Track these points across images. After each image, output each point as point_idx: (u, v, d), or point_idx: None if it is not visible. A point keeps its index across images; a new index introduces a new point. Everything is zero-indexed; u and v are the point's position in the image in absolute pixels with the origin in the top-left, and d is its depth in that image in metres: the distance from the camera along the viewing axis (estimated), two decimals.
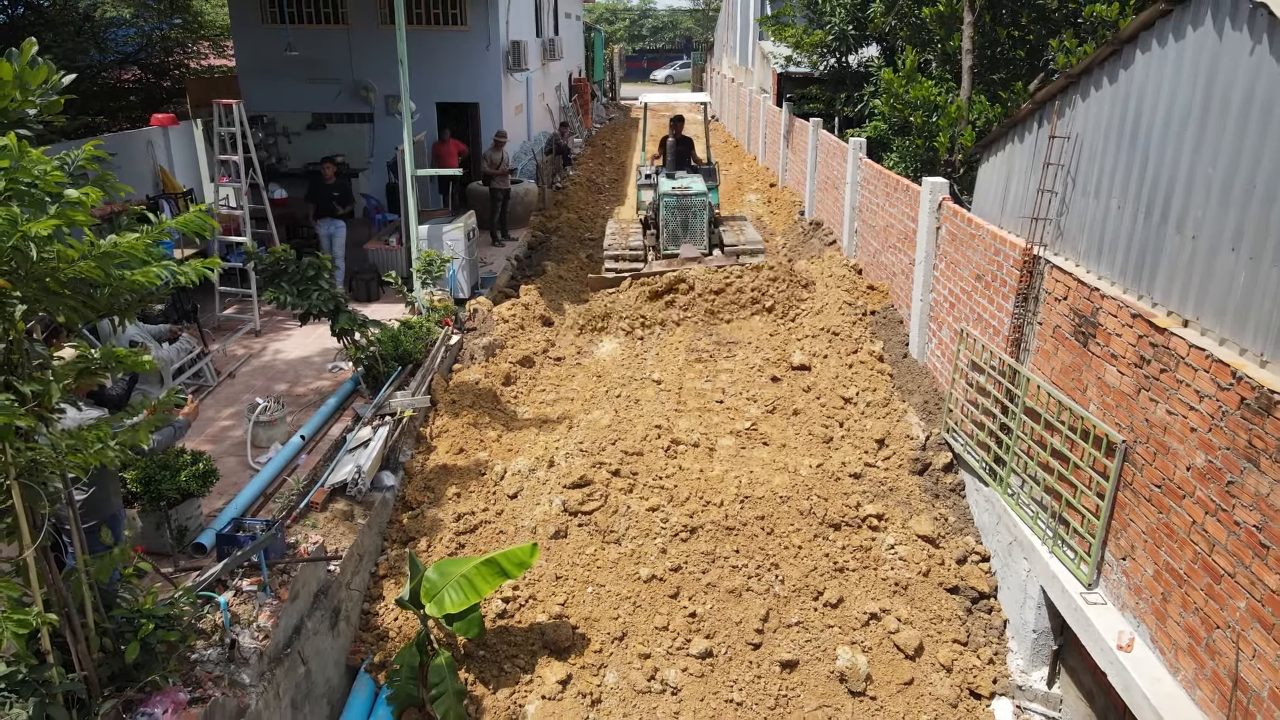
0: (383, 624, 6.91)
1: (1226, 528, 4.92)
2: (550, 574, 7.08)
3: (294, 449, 7.93)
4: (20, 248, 3.47)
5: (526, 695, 6.41)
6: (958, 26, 12.32)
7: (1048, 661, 6.93)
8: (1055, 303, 7.01)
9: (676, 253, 13.08)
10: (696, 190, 13.24)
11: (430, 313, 10.53)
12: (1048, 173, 7.29)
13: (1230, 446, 4.88)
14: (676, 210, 13.15)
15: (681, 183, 13.52)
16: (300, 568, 5.98)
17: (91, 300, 3.97)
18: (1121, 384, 6.00)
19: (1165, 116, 5.85)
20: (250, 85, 17.43)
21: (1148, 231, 6.02)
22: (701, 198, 13.16)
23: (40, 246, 3.45)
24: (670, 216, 13.18)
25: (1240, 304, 5.07)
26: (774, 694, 6.48)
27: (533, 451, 8.32)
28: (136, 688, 4.64)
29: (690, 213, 13.16)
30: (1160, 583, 5.54)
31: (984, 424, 7.85)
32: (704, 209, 13.17)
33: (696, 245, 13.15)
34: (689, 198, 13.12)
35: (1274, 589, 4.54)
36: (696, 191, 13.21)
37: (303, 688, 5.87)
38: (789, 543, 7.45)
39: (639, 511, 7.50)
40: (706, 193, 13.37)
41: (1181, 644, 5.32)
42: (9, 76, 3.79)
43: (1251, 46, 5.00)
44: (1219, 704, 4.94)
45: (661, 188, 13.56)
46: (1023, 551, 7.04)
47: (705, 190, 13.39)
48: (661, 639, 6.71)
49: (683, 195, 13.12)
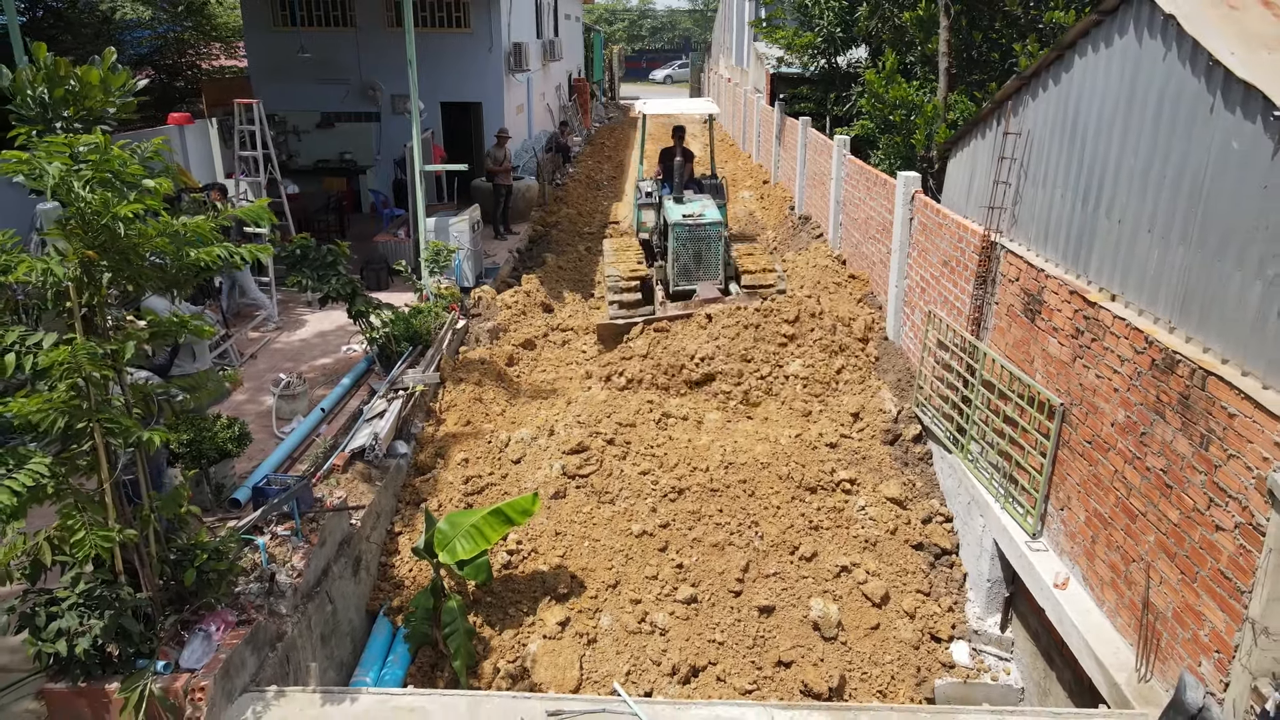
0: (398, 574, 7.62)
1: (1140, 473, 5.64)
2: (550, 530, 7.79)
3: (315, 420, 8.64)
4: (110, 226, 4.18)
5: (529, 635, 7.12)
6: (935, 30, 13.03)
7: (1000, 608, 7.64)
8: (1009, 284, 7.73)
9: (691, 289, 11.71)
10: (711, 220, 11.83)
11: (438, 299, 11.24)
12: (1002, 166, 8.01)
13: (1143, 402, 5.60)
14: (689, 243, 11.72)
15: (692, 208, 12.10)
16: (327, 517, 6.70)
17: (162, 272, 4.68)
18: (1061, 353, 6.72)
19: (1099, 114, 6.56)
20: (262, 85, 18.14)
21: (1084, 217, 6.73)
22: (717, 228, 11.80)
23: (126, 225, 4.16)
24: (682, 249, 11.73)
25: (1154, 278, 5.78)
26: (752, 635, 7.19)
27: (534, 422, 9.04)
28: (193, 608, 5.35)
29: (704, 244, 11.76)
30: (1090, 527, 6.25)
31: (948, 397, 8.57)
32: (719, 240, 11.81)
33: (712, 281, 11.76)
34: (703, 228, 11.73)
35: (1175, 522, 5.26)
36: (711, 221, 11.81)
37: (330, 623, 6.59)
38: (769, 503, 8.16)
39: (631, 475, 8.21)
40: (722, 221, 12.06)
41: (1106, 579, 6.03)
42: (95, 80, 4.51)
43: (1164, 53, 5.71)
44: (1134, 627, 5.65)
45: (671, 216, 12.01)
46: (979, 510, 7.75)
47: (720, 219, 12.06)
48: (651, 587, 7.42)
49: (695, 226, 11.72)
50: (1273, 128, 4.67)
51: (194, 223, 4.45)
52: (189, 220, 4.46)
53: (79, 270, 4.16)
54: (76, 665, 4.85)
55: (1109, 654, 5.74)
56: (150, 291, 4.86)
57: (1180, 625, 5.20)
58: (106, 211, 4.06)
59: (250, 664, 5.45)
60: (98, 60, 4.56)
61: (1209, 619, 4.93)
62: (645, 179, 14.30)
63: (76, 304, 4.41)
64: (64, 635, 4.75)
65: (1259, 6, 5.49)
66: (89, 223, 4.01)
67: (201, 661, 5.11)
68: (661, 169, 13.90)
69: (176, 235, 4.37)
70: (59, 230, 4.12)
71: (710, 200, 12.60)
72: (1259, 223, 4.79)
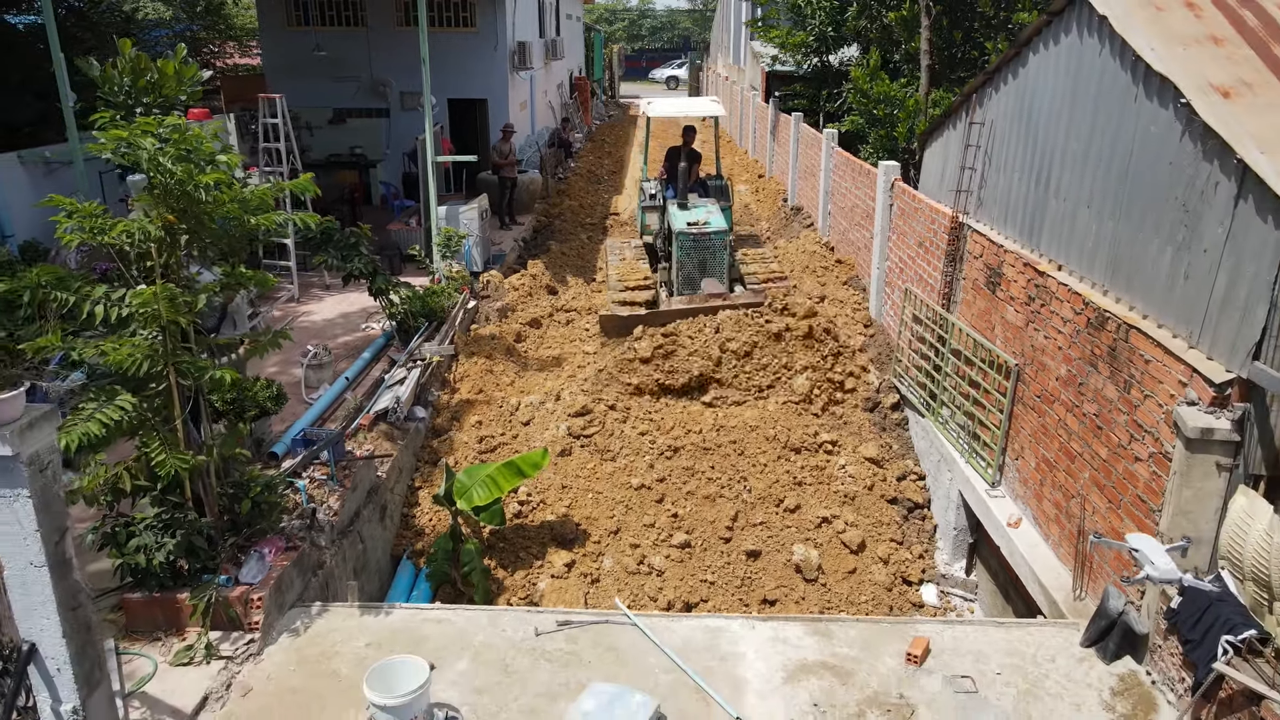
0: (419, 523, 8.40)
1: (1078, 419, 6.41)
2: (557, 484, 8.56)
3: (340, 387, 9.40)
4: (191, 193, 4.95)
5: (539, 576, 7.90)
6: (918, 29, 13.81)
7: (966, 554, 8.42)
8: (974, 260, 8.50)
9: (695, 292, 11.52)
10: (716, 228, 11.61)
11: (449, 281, 12.00)
12: (969, 153, 8.78)
13: (1081, 357, 6.37)
14: (693, 251, 11.48)
15: (697, 215, 11.89)
16: (358, 465, 7.47)
17: (228, 236, 5.45)
18: (1016, 319, 7.49)
19: (1049, 104, 7.33)
20: (276, 82, 18.89)
21: (1037, 197, 7.50)
22: (721, 236, 11.56)
23: (207, 191, 4.93)
24: (686, 259, 11.48)
25: (1091, 249, 6.55)
26: (740, 576, 7.96)
27: (542, 389, 9.82)
28: (248, 534, 6.13)
29: (709, 253, 11.50)
30: (1039, 472, 7.03)
31: (922, 366, 9.34)
32: (724, 249, 11.56)
33: (719, 282, 11.54)
34: (707, 237, 11.49)
35: (1105, 458, 6.03)
36: (715, 230, 11.58)
37: (361, 559, 7.36)
38: (757, 461, 8.93)
39: (631, 435, 8.99)
40: (726, 229, 11.85)
41: (1051, 515, 6.81)
42: (171, 72, 5.28)
43: (1100, 50, 6.48)
44: (1072, 555, 6.42)
45: (675, 224, 11.79)
46: (947, 466, 8.53)
47: (725, 227, 11.84)
48: (649, 533, 8.19)
49: (700, 235, 11.48)
50: (1180, 113, 5.44)
51: (259, 190, 5.22)
52: (254, 188, 5.23)
53: (162, 231, 4.93)
54: (152, 577, 5.62)
55: (1051, 579, 6.52)
56: (213, 257, 5.62)
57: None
58: (189, 180, 4.82)
59: (297, 584, 6.22)
60: (171, 54, 5.33)
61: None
62: (650, 179, 14.26)
63: (157, 262, 5.18)
64: (142, 550, 5.52)
65: (1182, 8, 6.26)
66: (172, 190, 4.77)
67: (257, 578, 5.87)
68: (666, 169, 13.78)
69: (245, 201, 5.14)
70: (148, 197, 4.89)
71: (714, 205, 12.52)
72: (1169, 195, 5.56)
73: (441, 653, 5.68)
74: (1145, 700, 5.25)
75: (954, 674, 5.47)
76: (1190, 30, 6.02)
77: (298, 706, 5.23)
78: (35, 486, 3.63)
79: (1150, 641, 5.44)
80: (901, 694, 5.37)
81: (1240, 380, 4.91)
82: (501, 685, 5.42)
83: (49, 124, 15.17)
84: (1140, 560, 5.22)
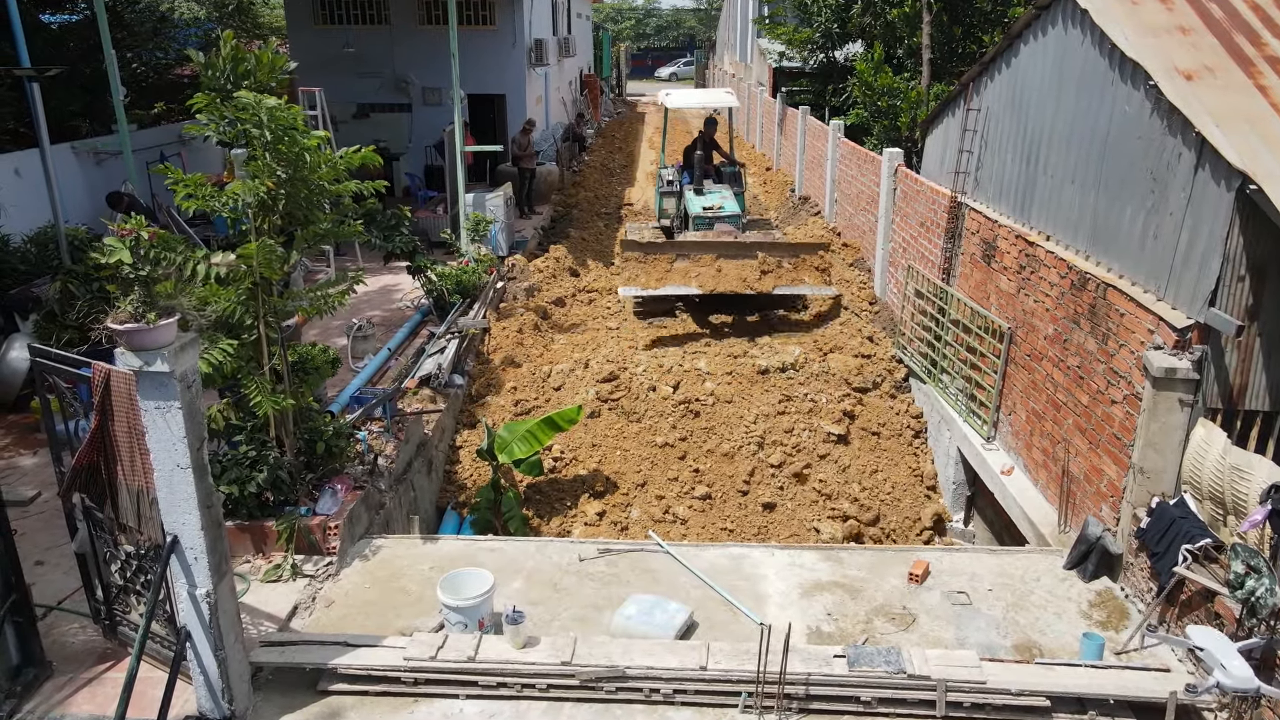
0: (460, 478, 9.14)
1: (1063, 372, 7.14)
2: (588, 442, 9.31)
3: (384, 358, 10.16)
4: (295, 159, 5.70)
5: (573, 523, 8.64)
6: (920, 25, 14.53)
7: (964, 506, 9.15)
8: (971, 236, 9.23)
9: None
10: (729, 213, 12.66)
11: (478, 263, 12.74)
12: (967, 137, 9.50)
13: (1065, 316, 7.10)
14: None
15: (712, 200, 12.85)
16: (409, 420, 8.23)
17: (313, 201, 6.20)
18: (1009, 287, 8.22)
19: (1038, 90, 8.06)
20: (303, 79, 19.65)
21: (1028, 175, 8.22)
22: (735, 220, 12.68)
23: (311, 154, 5.68)
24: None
25: (1075, 220, 7.28)
26: (757, 525, 8.70)
27: (571, 358, 10.57)
28: (321, 473, 6.88)
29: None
30: (1029, 423, 7.76)
31: (924, 336, 10.07)
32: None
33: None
34: (722, 220, 12.67)
35: (1085, 405, 6.76)
36: (730, 214, 12.65)
37: (414, 506, 8.11)
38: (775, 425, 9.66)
39: (655, 399, 9.73)
40: (739, 214, 12.86)
41: (1040, 462, 7.54)
42: (265, 60, 6.03)
43: (1082, 39, 7.21)
44: (1057, 494, 7.15)
45: (691, 208, 12.77)
46: (947, 426, 9.25)
47: (738, 211, 12.88)
48: (672, 486, 8.93)
49: (715, 219, 12.62)
50: (1150, 94, 6.17)
51: (346, 154, 6.00)
52: (344, 152, 6.00)
53: (264, 194, 5.69)
54: (243, 507, 6.37)
55: (1039, 516, 7.25)
56: (301, 220, 6.36)
57: (1088, 483, 6.70)
58: (294, 147, 5.57)
59: (364, 519, 6.97)
60: (264, 45, 6.08)
61: (1106, 473, 6.43)
62: (667, 166, 15.13)
63: (254, 226, 5.93)
64: (236, 482, 6.27)
65: (1154, 1, 6.98)
66: (284, 154, 5.53)
67: (332, 510, 6.62)
68: (683, 157, 14.62)
69: (335, 165, 5.91)
70: (255, 165, 5.65)
71: (729, 191, 13.33)
72: (1141, 166, 6.29)
73: (497, 575, 6.38)
74: (1118, 610, 5.98)
75: (951, 590, 6.21)
76: (1161, 21, 6.74)
77: (376, 614, 5.97)
78: (185, 400, 4.37)
79: (1124, 561, 6.17)
80: (904, 606, 6.10)
81: (1199, 325, 5.64)
82: (553, 599, 6.17)
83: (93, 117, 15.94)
84: (1207, 662, 4.34)
